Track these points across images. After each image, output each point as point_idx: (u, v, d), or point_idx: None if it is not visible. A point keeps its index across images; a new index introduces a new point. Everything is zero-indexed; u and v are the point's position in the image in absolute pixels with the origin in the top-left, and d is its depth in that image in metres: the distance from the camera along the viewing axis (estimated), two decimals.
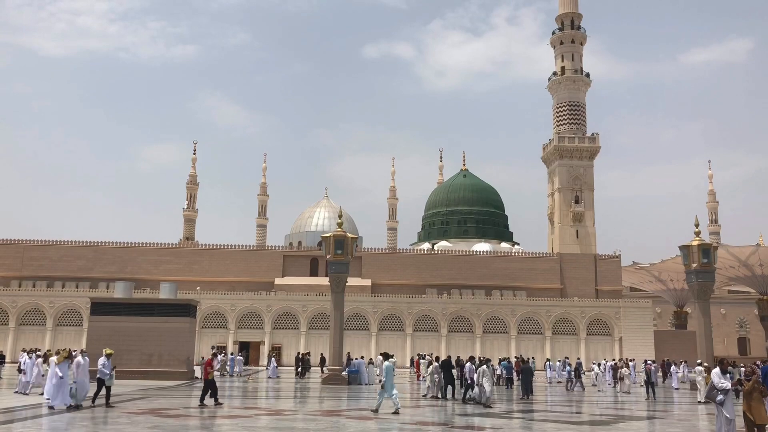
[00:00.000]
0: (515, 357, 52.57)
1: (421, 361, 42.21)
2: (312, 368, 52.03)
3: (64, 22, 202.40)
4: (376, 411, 20.90)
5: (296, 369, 49.49)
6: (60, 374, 21.12)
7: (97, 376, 22.05)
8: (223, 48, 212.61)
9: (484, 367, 25.14)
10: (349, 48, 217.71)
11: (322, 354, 54.45)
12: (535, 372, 46.54)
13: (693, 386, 35.27)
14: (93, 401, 21.91)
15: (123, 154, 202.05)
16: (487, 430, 17.90)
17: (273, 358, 47.90)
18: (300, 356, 50.91)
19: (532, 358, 45.39)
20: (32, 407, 21.73)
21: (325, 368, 47.85)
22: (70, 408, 20.63)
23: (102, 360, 22.13)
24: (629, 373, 36.54)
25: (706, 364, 35.17)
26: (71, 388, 21.30)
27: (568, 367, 39.59)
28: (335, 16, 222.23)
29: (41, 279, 77.69)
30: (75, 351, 23.45)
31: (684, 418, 22.99)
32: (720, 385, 14.14)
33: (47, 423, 18.27)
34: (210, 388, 22.71)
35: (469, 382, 26.81)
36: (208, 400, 22.59)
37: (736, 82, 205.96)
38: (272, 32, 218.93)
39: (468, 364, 27.84)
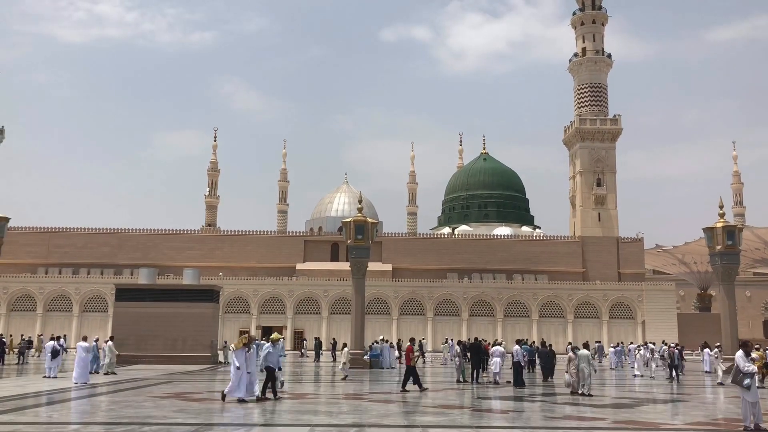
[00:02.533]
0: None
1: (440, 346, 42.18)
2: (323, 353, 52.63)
3: (82, 11, 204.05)
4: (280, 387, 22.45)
5: (316, 353, 49.92)
6: (237, 363, 18.57)
7: (266, 364, 19.44)
8: (240, 34, 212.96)
9: (585, 351, 23.22)
10: (366, 32, 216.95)
11: (334, 338, 54.91)
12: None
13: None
14: (272, 393, 19.40)
15: (143, 141, 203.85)
16: (509, 413, 17.92)
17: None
18: (319, 341, 52.02)
19: (539, 340, 45.11)
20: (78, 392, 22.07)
21: (337, 353, 48.61)
22: (242, 401, 18.26)
23: (268, 346, 19.71)
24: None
25: (719, 345, 34.87)
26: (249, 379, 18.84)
27: (656, 353, 36.84)
28: (351, 0, 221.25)
29: (67, 266, 78.93)
30: (255, 337, 20.72)
31: (708, 401, 22.83)
32: (746, 368, 13.97)
33: (75, 406, 18.60)
34: (411, 374, 22.95)
35: (522, 364, 25.82)
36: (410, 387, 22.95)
37: (760, 59, 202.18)
38: (289, 17, 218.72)
39: (516, 347, 26.70)
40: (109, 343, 29.98)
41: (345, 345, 31.89)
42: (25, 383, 25.34)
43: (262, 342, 19.12)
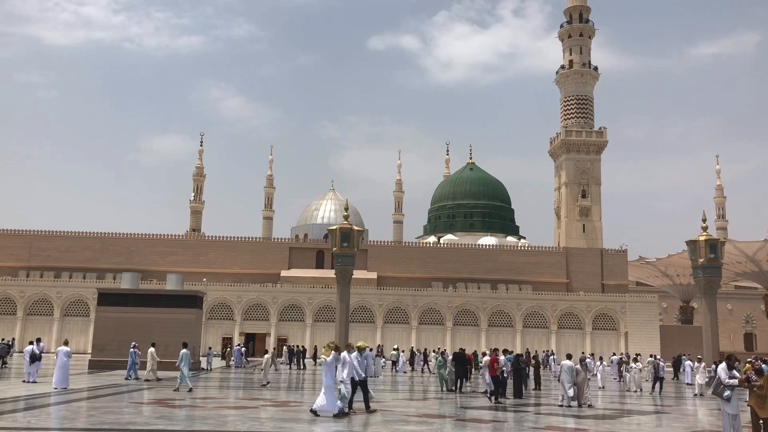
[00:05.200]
0: (546, 352, 52.52)
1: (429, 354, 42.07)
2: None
3: (68, 12, 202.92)
4: (177, 389, 24.37)
5: (298, 360, 49.45)
6: (328, 376, 17.60)
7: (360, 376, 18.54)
8: (228, 39, 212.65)
9: (568, 362, 22.79)
10: (355, 40, 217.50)
11: (298, 346, 54.54)
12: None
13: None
14: (367, 407, 18.59)
15: (129, 145, 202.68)
16: (491, 423, 17.93)
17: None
18: (294, 348, 51.39)
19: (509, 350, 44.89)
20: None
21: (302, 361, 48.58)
22: (339, 415, 17.28)
23: (356, 355, 18.54)
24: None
25: (699, 357, 35.34)
26: (339, 389, 17.70)
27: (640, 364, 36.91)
28: (341, 8, 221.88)
29: (48, 269, 78.08)
30: (351, 346, 18.85)
31: (689, 413, 22.97)
32: (727, 381, 14.09)
33: (55, 411, 18.38)
34: (499, 384, 23.22)
35: (505, 376, 25.17)
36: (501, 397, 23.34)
37: (744, 75, 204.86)
38: (277, 23, 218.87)
39: (502, 357, 26.63)
40: (151, 349, 29.70)
41: (267, 351, 31.78)
42: (3, 388, 25.01)
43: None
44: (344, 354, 18.13)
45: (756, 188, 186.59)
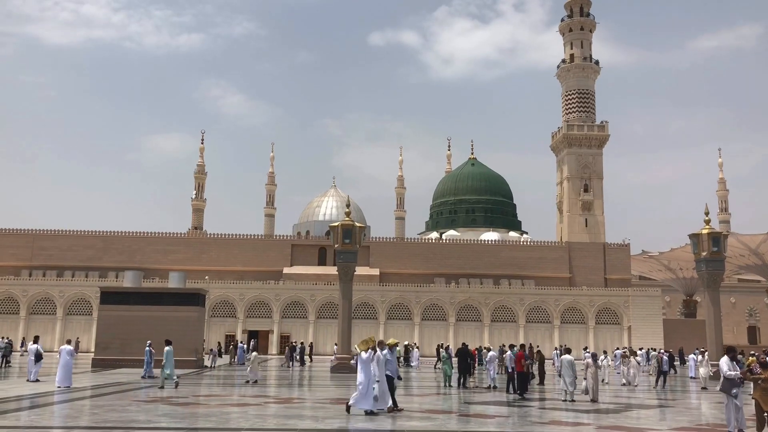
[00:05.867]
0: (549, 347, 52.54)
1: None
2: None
3: (68, 11, 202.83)
4: (162, 387, 24.28)
5: (300, 358, 49.43)
6: (361, 371, 17.10)
7: (385, 372, 17.79)
8: (228, 37, 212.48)
9: (568, 356, 22.64)
10: (355, 36, 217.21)
11: (302, 343, 54.88)
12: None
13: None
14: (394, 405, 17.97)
15: (130, 143, 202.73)
16: (495, 418, 17.90)
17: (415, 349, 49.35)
18: (294, 345, 51.49)
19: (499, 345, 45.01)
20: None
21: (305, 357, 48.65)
22: (371, 414, 16.99)
23: (386, 353, 17.85)
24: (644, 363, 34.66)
25: (703, 350, 35.28)
26: (374, 388, 17.11)
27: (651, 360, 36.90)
28: (341, 4, 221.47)
29: (51, 268, 78.11)
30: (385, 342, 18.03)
31: (693, 406, 22.93)
32: (728, 374, 14.04)
33: (58, 410, 18.39)
34: (523, 379, 23.60)
35: (510, 371, 24.99)
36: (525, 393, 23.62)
37: (746, 68, 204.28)
38: (277, 21, 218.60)
39: (508, 352, 26.41)
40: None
41: (254, 350, 31.60)
42: (7, 387, 25.04)
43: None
44: (378, 354, 17.54)
45: (759, 181, 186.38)
